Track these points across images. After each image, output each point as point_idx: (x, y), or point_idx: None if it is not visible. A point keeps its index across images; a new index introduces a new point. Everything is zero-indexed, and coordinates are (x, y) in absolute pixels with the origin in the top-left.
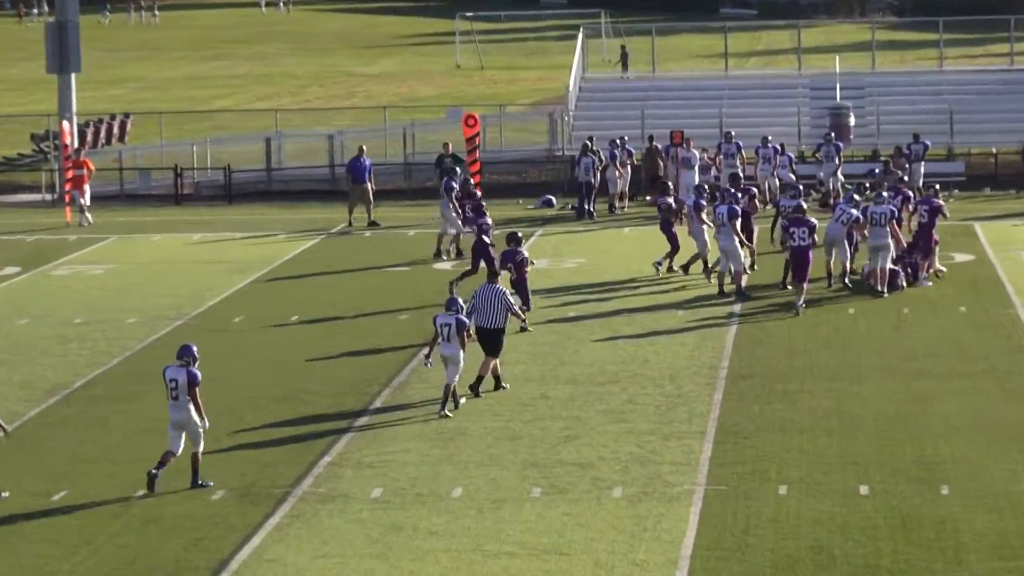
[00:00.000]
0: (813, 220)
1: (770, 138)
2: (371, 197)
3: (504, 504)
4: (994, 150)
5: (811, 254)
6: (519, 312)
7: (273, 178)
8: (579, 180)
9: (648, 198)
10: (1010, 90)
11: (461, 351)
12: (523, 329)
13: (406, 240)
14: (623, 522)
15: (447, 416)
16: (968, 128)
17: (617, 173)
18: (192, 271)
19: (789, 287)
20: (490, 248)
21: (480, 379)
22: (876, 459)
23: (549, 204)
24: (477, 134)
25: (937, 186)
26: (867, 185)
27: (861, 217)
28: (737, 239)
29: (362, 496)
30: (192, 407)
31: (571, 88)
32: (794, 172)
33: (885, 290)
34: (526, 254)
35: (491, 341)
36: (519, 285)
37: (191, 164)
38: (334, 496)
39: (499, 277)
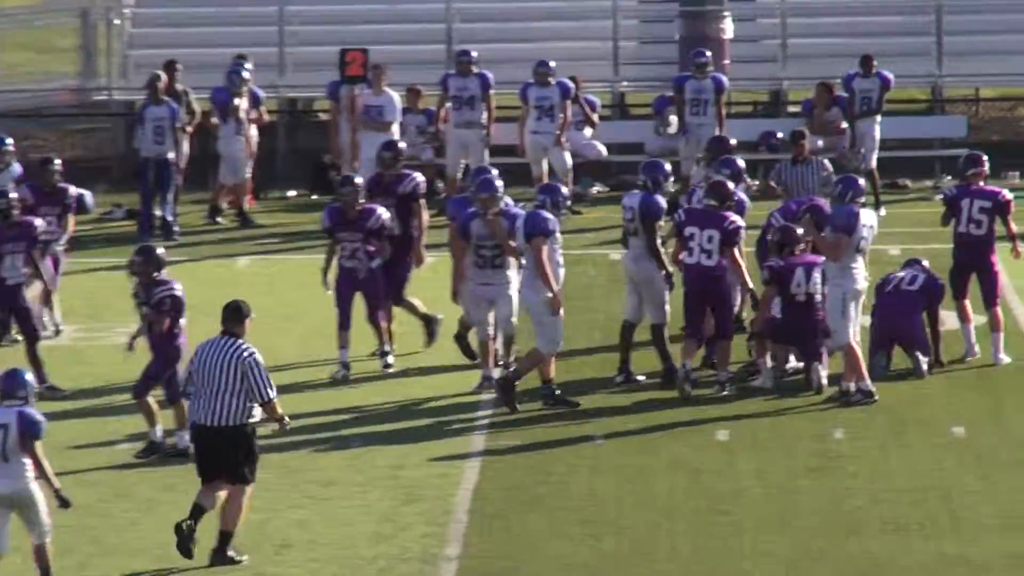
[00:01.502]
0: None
1: (553, 66)
2: None
3: None
4: None
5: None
6: (270, 397)
7: None
8: (143, 155)
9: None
10: None
11: (29, 480)
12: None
13: None
14: None
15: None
16: (976, 44)
17: (242, 140)
18: None
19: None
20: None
21: (223, 538)
22: None
23: (78, 206)
24: None
25: (976, 169)
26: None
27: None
28: (546, 278)
29: None
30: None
31: None
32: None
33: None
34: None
35: (222, 453)
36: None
37: None
38: None
39: (243, 325)
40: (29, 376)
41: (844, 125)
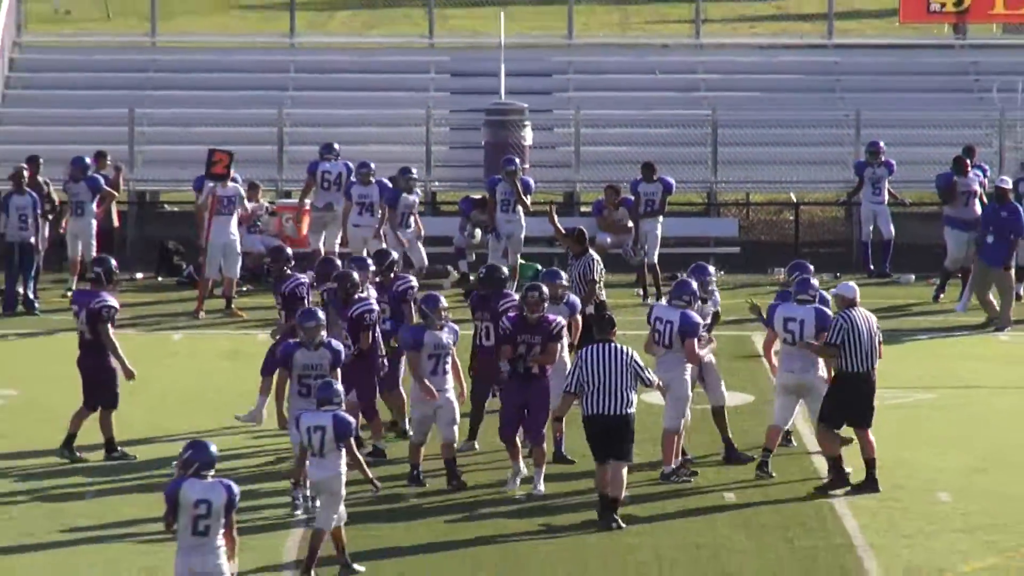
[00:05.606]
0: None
1: (373, 167)
2: None
3: None
4: (792, 196)
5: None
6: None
7: None
8: (7, 240)
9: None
10: (823, 84)
11: (341, 473)
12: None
13: None
14: None
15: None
16: (746, 155)
17: (94, 222)
18: None
19: None
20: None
21: (614, 503)
22: None
23: None
24: None
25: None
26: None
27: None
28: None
29: None
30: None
31: None
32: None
33: None
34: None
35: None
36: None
37: None
38: None
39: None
40: (339, 386)
41: (630, 224)
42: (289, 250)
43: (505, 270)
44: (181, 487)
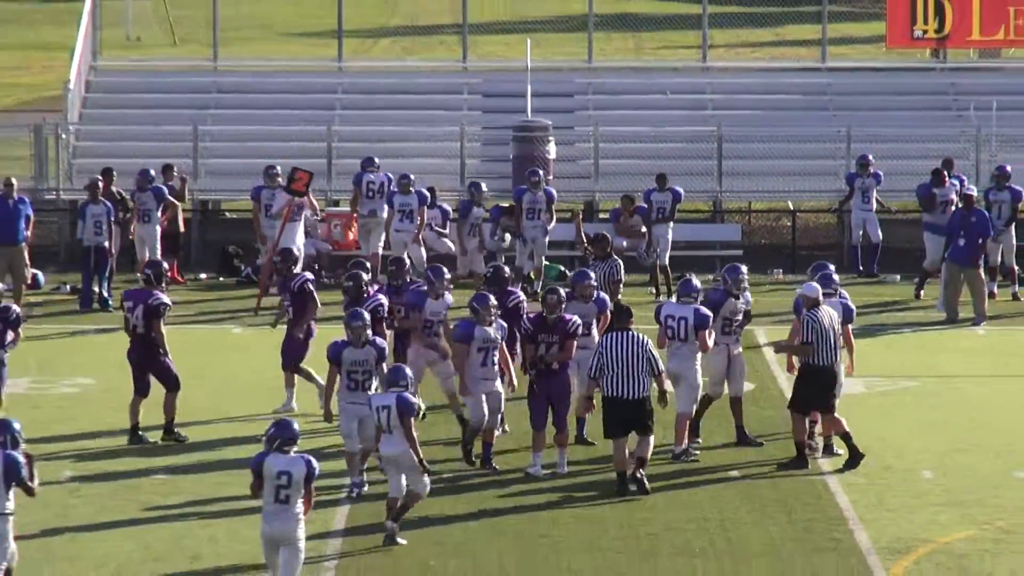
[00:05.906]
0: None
1: (413, 178)
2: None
3: None
4: (790, 204)
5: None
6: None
7: None
8: (84, 244)
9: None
10: (817, 104)
11: (409, 448)
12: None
13: None
14: None
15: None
16: (748, 167)
17: (159, 228)
18: None
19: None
20: None
21: (640, 463)
22: None
23: (34, 284)
24: None
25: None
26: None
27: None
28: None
29: None
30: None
31: (73, 83)
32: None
33: None
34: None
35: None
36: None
37: None
38: None
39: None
40: (408, 370)
41: (644, 229)
42: (296, 251)
43: (508, 270)
44: (265, 460)
